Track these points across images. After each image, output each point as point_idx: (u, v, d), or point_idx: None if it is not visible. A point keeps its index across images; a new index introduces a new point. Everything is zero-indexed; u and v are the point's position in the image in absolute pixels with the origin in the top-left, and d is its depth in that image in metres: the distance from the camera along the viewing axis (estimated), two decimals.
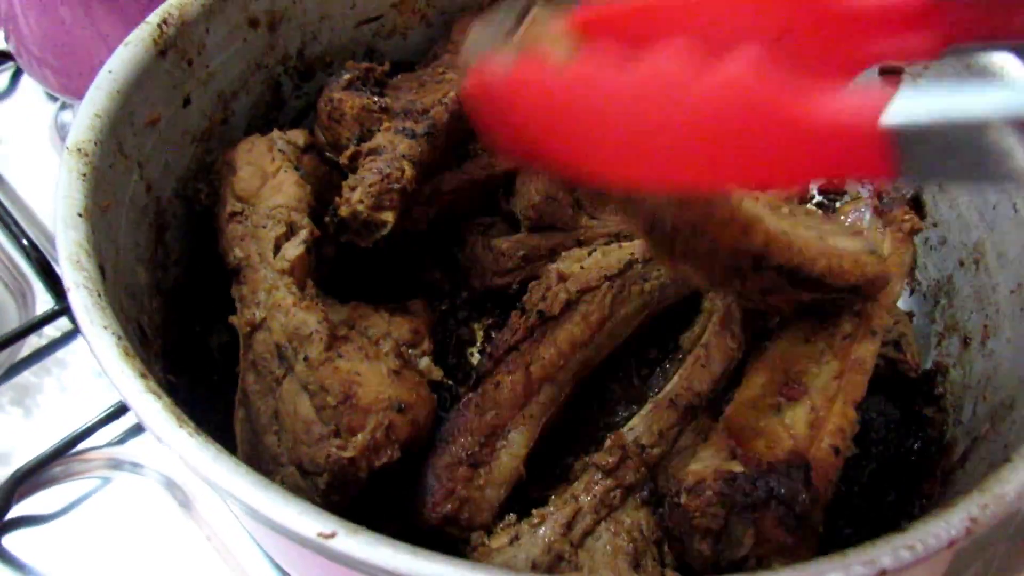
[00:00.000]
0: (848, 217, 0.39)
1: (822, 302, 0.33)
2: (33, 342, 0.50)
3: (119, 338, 0.23)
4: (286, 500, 0.19)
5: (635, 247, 0.38)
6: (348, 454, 0.28)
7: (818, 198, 0.49)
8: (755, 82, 0.21)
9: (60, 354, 0.51)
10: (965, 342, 0.37)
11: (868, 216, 0.39)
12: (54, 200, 0.26)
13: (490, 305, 0.43)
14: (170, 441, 0.21)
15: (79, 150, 0.28)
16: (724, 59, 0.21)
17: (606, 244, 0.39)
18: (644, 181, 0.24)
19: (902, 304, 0.44)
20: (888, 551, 0.20)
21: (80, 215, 0.26)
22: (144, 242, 0.33)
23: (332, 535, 0.18)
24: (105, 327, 0.23)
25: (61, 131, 0.64)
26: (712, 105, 0.21)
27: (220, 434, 0.32)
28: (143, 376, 0.22)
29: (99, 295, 0.24)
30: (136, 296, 0.30)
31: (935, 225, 0.41)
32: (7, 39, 0.59)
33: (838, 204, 0.47)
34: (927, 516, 0.20)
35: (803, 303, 0.33)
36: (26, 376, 0.50)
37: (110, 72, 0.31)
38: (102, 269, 0.26)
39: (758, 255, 0.28)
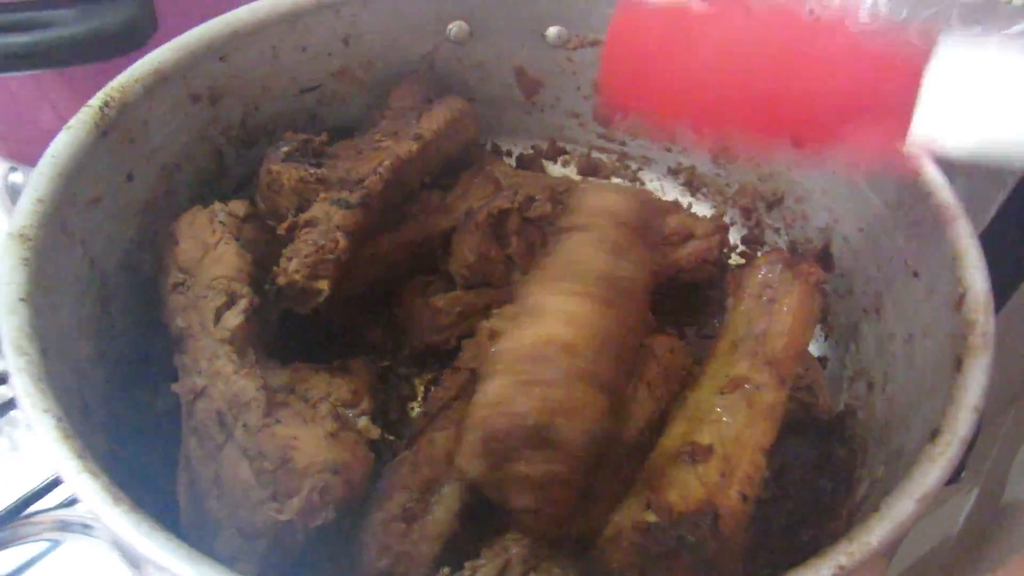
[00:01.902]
0: (762, 269, 0.42)
1: None
2: None
3: (59, 419, 0.24)
4: (217, 573, 0.21)
5: None
6: (284, 517, 0.29)
7: (741, 247, 0.52)
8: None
9: (13, 413, 0.51)
10: (869, 386, 0.40)
11: (779, 268, 0.41)
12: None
13: (430, 361, 0.44)
14: (106, 519, 0.22)
15: (22, 235, 0.29)
16: None
17: None
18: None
19: (819, 350, 0.47)
20: None
21: (22, 299, 0.27)
22: (88, 316, 0.34)
23: None
24: (45, 410, 0.24)
25: (11, 191, 0.65)
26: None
27: (167, 498, 0.33)
28: (81, 457, 0.23)
29: (39, 379, 0.25)
30: (79, 370, 0.31)
31: (842, 275, 0.44)
32: None
33: (758, 254, 0.51)
34: (798, 566, 0.22)
35: None
36: None
37: (52, 156, 0.33)
38: (44, 351, 0.27)
39: None
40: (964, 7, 0.42)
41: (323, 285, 0.36)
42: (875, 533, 0.23)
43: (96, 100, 0.36)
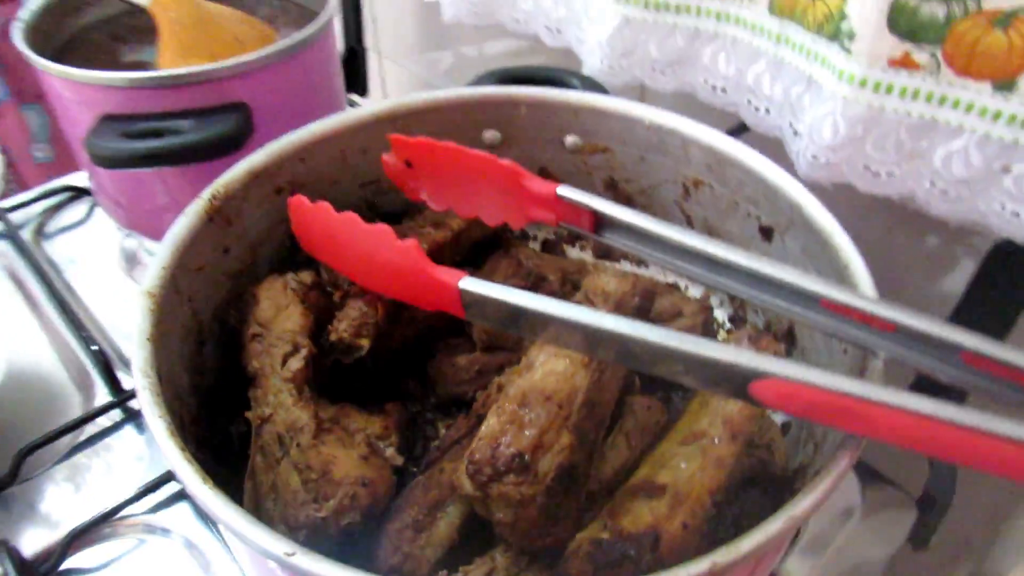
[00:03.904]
0: (730, 344, 0.50)
1: None
2: (89, 429, 0.62)
3: (168, 423, 0.34)
4: (266, 530, 0.30)
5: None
6: (321, 515, 0.39)
7: (728, 326, 0.60)
8: (411, 254, 0.42)
9: (109, 440, 0.61)
10: (816, 446, 0.47)
11: (744, 342, 0.49)
12: (132, 330, 0.39)
13: (453, 409, 0.53)
14: (197, 493, 0.31)
15: (149, 293, 0.40)
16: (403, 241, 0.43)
17: None
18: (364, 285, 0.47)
19: (782, 417, 0.54)
20: None
21: (148, 339, 0.38)
22: (188, 354, 0.45)
23: (292, 554, 0.29)
24: (160, 417, 0.34)
25: (125, 255, 0.78)
26: (392, 260, 0.43)
27: (233, 498, 0.43)
28: (183, 450, 0.33)
29: (157, 395, 0.35)
30: (180, 395, 0.42)
31: (803, 352, 0.52)
32: (89, 180, 0.74)
33: (739, 329, 0.58)
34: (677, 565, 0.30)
35: None
36: (79, 457, 0.61)
37: (173, 235, 0.44)
38: (159, 376, 0.37)
39: None
40: None
41: (364, 343, 0.46)
42: (745, 543, 0.30)
43: (206, 193, 0.47)
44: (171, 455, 0.32)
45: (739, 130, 0.66)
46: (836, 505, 0.58)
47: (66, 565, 0.52)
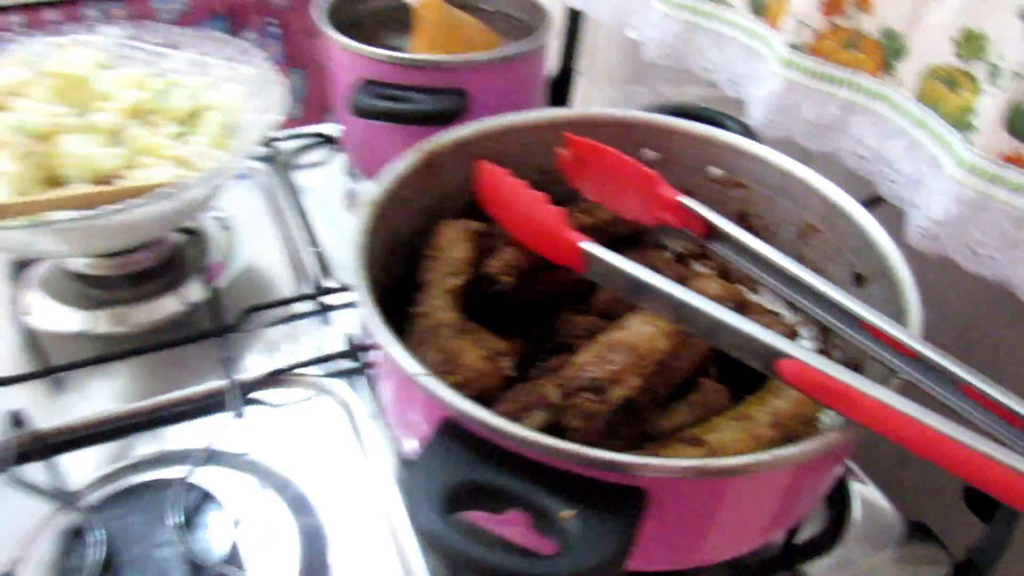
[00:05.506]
0: None
1: None
2: (297, 307, 0.79)
3: (371, 297, 0.50)
4: (410, 357, 0.45)
5: None
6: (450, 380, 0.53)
7: None
8: (556, 217, 0.53)
9: (305, 321, 0.77)
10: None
11: None
12: (352, 229, 0.55)
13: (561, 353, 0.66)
14: (383, 341, 0.47)
15: (370, 202, 0.57)
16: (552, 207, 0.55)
17: None
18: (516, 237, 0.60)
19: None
20: None
21: (361, 238, 0.54)
22: (383, 261, 0.61)
23: (424, 374, 0.43)
24: (367, 292, 0.49)
25: (348, 195, 0.98)
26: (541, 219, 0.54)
27: None
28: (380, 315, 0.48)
29: (364, 279, 0.51)
30: (375, 288, 0.58)
31: None
32: (341, 129, 0.94)
33: None
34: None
35: None
36: (283, 325, 0.78)
37: (394, 170, 0.60)
38: (365, 269, 0.54)
39: None
40: None
41: (508, 280, 0.60)
42: (733, 461, 0.41)
43: (424, 146, 0.63)
44: (371, 314, 0.48)
45: (874, 201, 0.74)
46: (876, 538, 0.65)
47: (257, 395, 0.71)
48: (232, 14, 1.98)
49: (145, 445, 0.67)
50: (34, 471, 0.63)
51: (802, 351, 0.44)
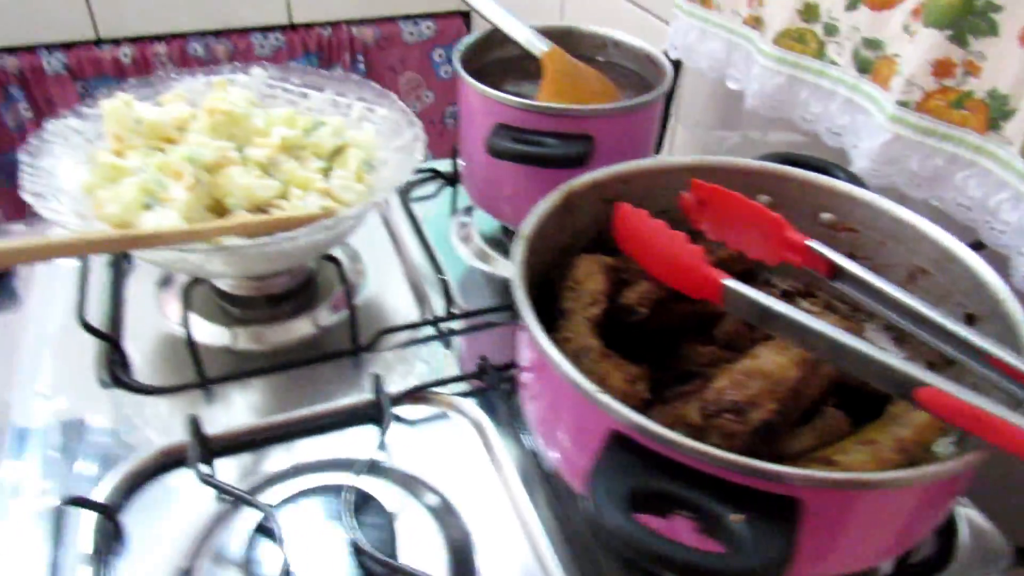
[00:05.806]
0: None
1: None
2: (424, 331, 0.86)
3: (534, 315, 0.56)
4: (584, 377, 0.51)
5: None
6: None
7: None
8: (696, 255, 0.58)
9: (433, 343, 0.83)
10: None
11: None
12: (511, 258, 0.62)
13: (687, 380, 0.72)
14: (535, 333, 0.53)
15: (524, 236, 0.63)
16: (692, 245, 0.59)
17: None
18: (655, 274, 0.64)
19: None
20: None
21: (519, 269, 0.61)
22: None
23: (600, 391, 0.49)
24: (530, 310, 0.56)
25: (459, 227, 1.05)
26: (681, 256, 0.58)
27: None
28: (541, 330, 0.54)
29: (529, 306, 0.57)
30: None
31: None
32: (462, 167, 1.02)
33: None
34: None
35: None
36: (412, 347, 0.86)
37: (534, 216, 0.67)
38: (528, 297, 0.60)
39: None
40: None
41: (644, 310, 0.66)
42: (875, 476, 0.46)
43: (564, 188, 0.69)
44: (540, 339, 0.54)
45: (977, 246, 0.79)
46: (984, 562, 0.68)
47: (396, 411, 0.77)
48: (322, 50, 2.10)
49: (282, 454, 0.73)
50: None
51: (940, 380, 0.48)
